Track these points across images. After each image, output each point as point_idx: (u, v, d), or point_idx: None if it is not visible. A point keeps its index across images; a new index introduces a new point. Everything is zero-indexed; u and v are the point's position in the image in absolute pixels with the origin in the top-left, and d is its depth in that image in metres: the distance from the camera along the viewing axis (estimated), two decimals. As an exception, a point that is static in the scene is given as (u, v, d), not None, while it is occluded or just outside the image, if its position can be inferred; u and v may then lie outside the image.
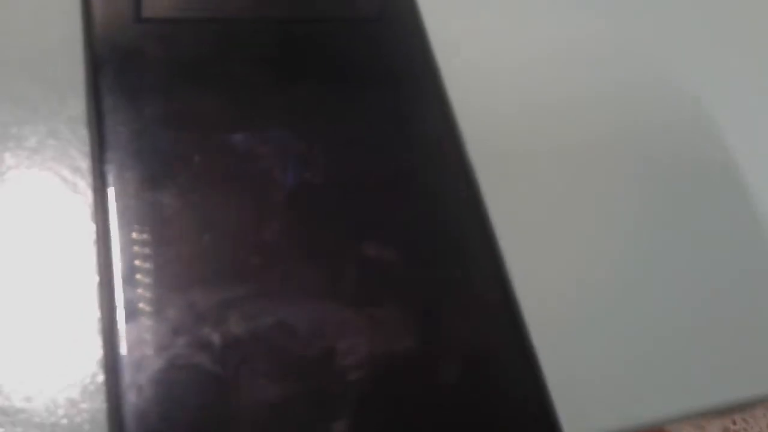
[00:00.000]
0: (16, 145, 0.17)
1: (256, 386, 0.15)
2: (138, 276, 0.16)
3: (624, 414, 0.18)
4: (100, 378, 0.15)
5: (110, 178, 0.17)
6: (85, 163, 0.17)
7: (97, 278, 0.16)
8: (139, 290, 0.16)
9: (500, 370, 0.16)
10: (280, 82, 0.18)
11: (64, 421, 0.15)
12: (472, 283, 0.17)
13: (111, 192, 0.17)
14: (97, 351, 0.16)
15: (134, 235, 0.16)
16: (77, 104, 0.18)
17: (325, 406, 0.15)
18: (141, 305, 0.16)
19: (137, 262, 0.16)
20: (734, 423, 0.90)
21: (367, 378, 0.15)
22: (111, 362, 0.15)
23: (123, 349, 0.15)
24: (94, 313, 0.16)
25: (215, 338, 0.15)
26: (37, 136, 0.17)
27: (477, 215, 0.17)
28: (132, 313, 0.15)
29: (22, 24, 0.18)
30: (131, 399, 0.15)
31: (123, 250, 0.16)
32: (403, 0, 0.20)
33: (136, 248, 0.16)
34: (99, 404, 0.15)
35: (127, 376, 0.15)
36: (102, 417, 0.15)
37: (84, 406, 0.15)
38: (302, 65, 0.18)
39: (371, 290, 0.16)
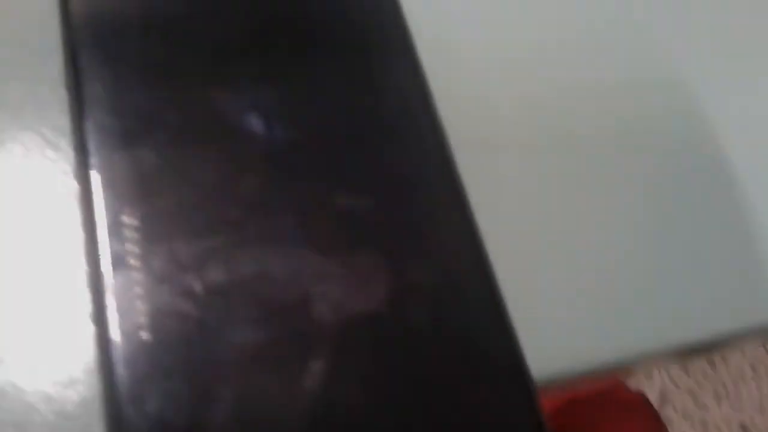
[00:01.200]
0: (-4, 106, 0.18)
1: (237, 330, 0.16)
2: (121, 229, 0.16)
3: (591, 354, 0.19)
4: (90, 328, 0.16)
5: (90, 136, 0.17)
6: (65, 123, 0.18)
7: (82, 233, 0.17)
8: (123, 243, 0.16)
9: (468, 312, 0.17)
10: (253, 41, 0.19)
11: (58, 370, 0.16)
12: (440, 229, 0.17)
13: (91, 149, 0.17)
14: (86, 303, 0.16)
15: (116, 190, 0.17)
16: (55, 65, 0.18)
17: (303, 347, 0.16)
18: (125, 257, 0.16)
19: (120, 216, 0.17)
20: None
21: (341, 321, 0.16)
22: (99, 312, 0.16)
23: (110, 299, 0.16)
24: (81, 267, 0.17)
25: (197, 286, 0.16)
26: (18, 96, 0.18)
27: (444, 164, 0.18)
28: (117, 265, 0.16)
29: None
30: (120, 346, 0.16)
31: (106, 204, 0.17)
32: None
33: (118, 203, 0.17)
34: (90, 353, 0.16)
35: (115, 325, 0.16)
36: (92, 364, 0.16)
37: (76, 354, 0.16)
38: (275, 24, 0.19)
39: (344, 239, 0.17)
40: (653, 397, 0.93)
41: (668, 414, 0.92)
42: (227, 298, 0.16)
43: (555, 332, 0.19)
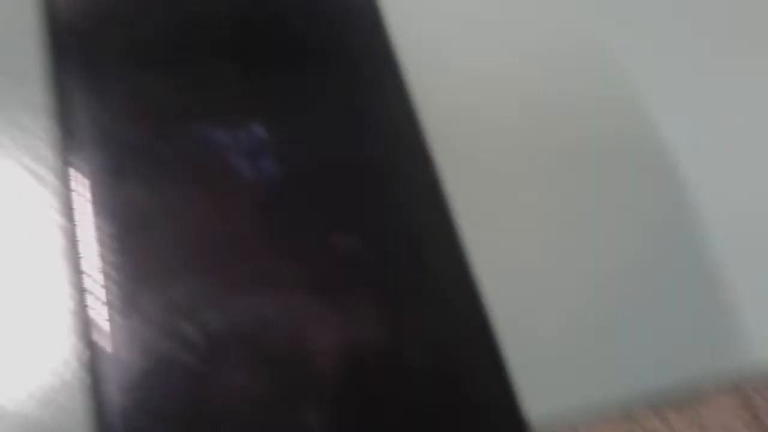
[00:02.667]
0: (-24, 136, 0.17)
1: (232, 377, 0.16)
2: (108, 270, 0.16)
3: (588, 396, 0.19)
4: (80, 375, 0.16)
5: (75, 168, 0.17)
6: (48, 153, 0.17)
7: (67, 272, 0.16)
8: (111, 285, 0.16)
9: (463, 356, 0.17)
10: (241, 72, 0.18)
11: (48, 419, 0.15)
12: (435, 269, 0.17)
13: (76, 183, 0.17)
14: (74, 348, 0.16)
15: (102, 227, 0.16)
16: (39, 94, 0.17)
17: (299, 394, 0.16)
18: (113, 300, 0.16)
19: (106, 255, 0.16)
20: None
21: (338, 365, 0.16)
22: (89, 360, 0.15)
23: (100, 346, 0.15)
24: (68, 309, 0.16)
25: (190, 332, 0.16)
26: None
27: (438, 201, 0.18)
28: (105, 308, 0.16)
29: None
30: (111, 395, 0.15)
31: (91, 242, 0.16)
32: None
33: (104, 240, 0.16)
34: (80, 401, 0.16)
35: (105, 373, 0.15)
36: (82, 413, 0.16)
37: (66, 403, 0.16)
38: (263, 54, 0.18)
39: (339, 279, 0.17)
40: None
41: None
42: (220, 342, 0.16)
43: (547, 373, 0.19)
